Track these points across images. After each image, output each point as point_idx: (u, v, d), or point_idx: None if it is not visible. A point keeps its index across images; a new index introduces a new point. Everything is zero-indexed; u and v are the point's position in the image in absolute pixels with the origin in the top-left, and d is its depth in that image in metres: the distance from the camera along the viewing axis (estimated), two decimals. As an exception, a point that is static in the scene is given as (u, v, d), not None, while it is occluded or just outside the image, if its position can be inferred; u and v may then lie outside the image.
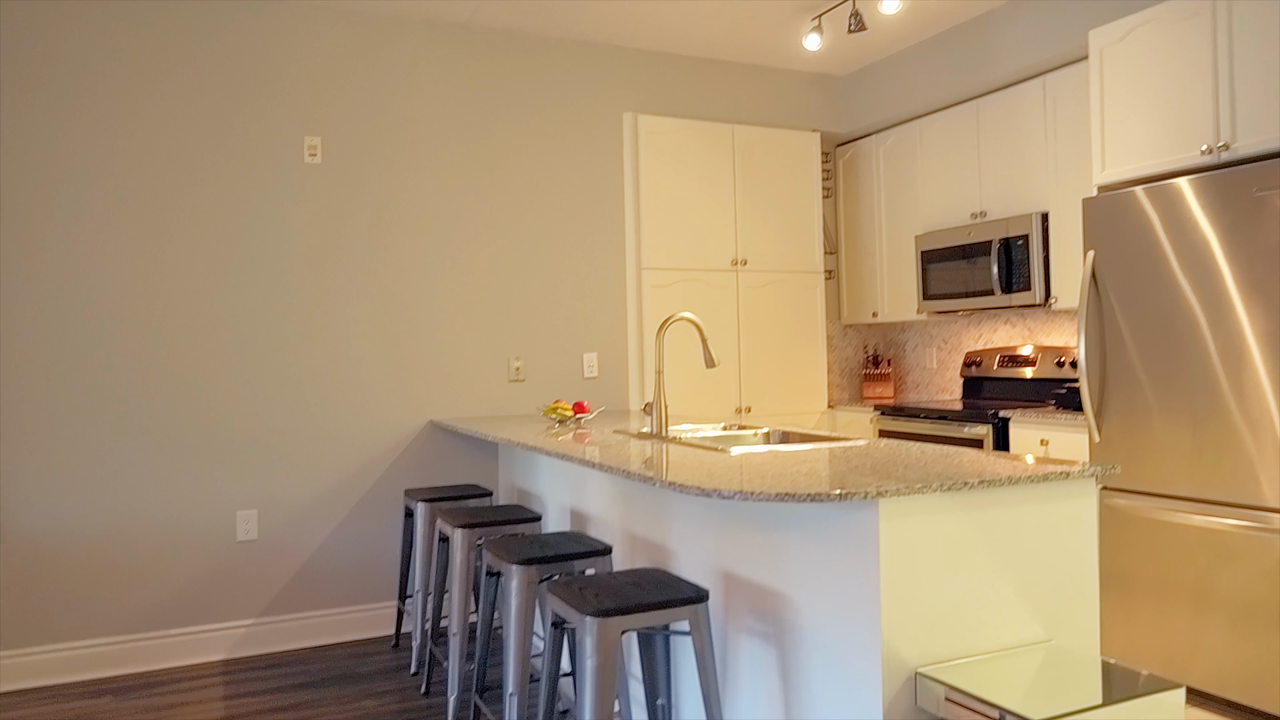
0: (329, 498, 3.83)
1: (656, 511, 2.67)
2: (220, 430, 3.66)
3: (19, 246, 3.38)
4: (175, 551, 3.58)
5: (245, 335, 3.71)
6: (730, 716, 2.30)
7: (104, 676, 3.45)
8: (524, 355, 4.22)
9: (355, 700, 3.16)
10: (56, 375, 3.43)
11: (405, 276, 3.99)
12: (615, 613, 1.93)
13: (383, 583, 3.92)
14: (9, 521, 3.35)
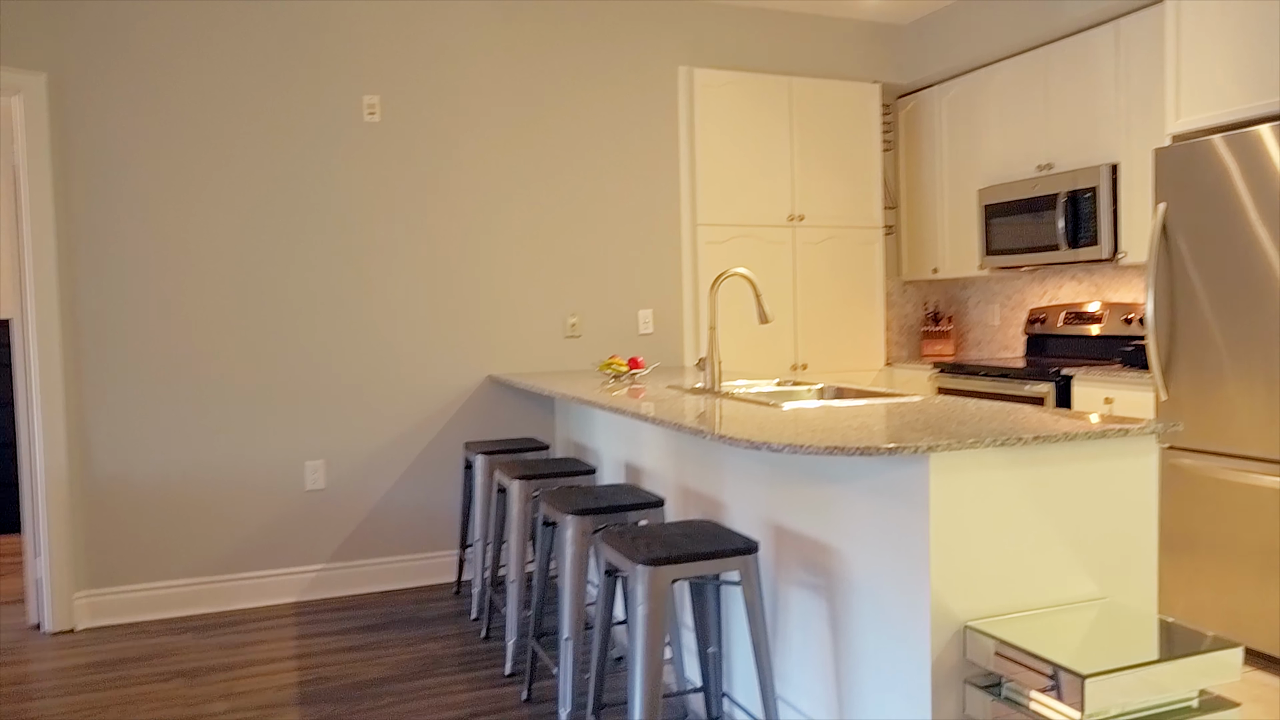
0: (392, 449, 3.95)
1: (709, 465, 2.70)
2: (290, 384, 3.79)
3: (101, 210, 3.52)
4: (249, 499, 3.74)
5: (314, 292, 3.82)
6: (780, 666, 2.34)
7: (185, 615, 3.64)
8: (580, 311, 4.26)
9: (419, 643, 3.29)
10: (140, 333, 3.58)
11: (464, 235, 4.05)
12: (666, 562, 1.97)
13: (444, 532, 4.05)
14: (99, 469, 3.54)
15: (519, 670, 3.00)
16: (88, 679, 3.01)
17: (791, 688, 2.30)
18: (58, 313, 3.46)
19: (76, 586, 3.51)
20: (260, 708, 2.76)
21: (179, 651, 3.25)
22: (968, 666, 1.83)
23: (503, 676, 2.97)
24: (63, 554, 3.46)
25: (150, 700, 2.83)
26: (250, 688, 2.91)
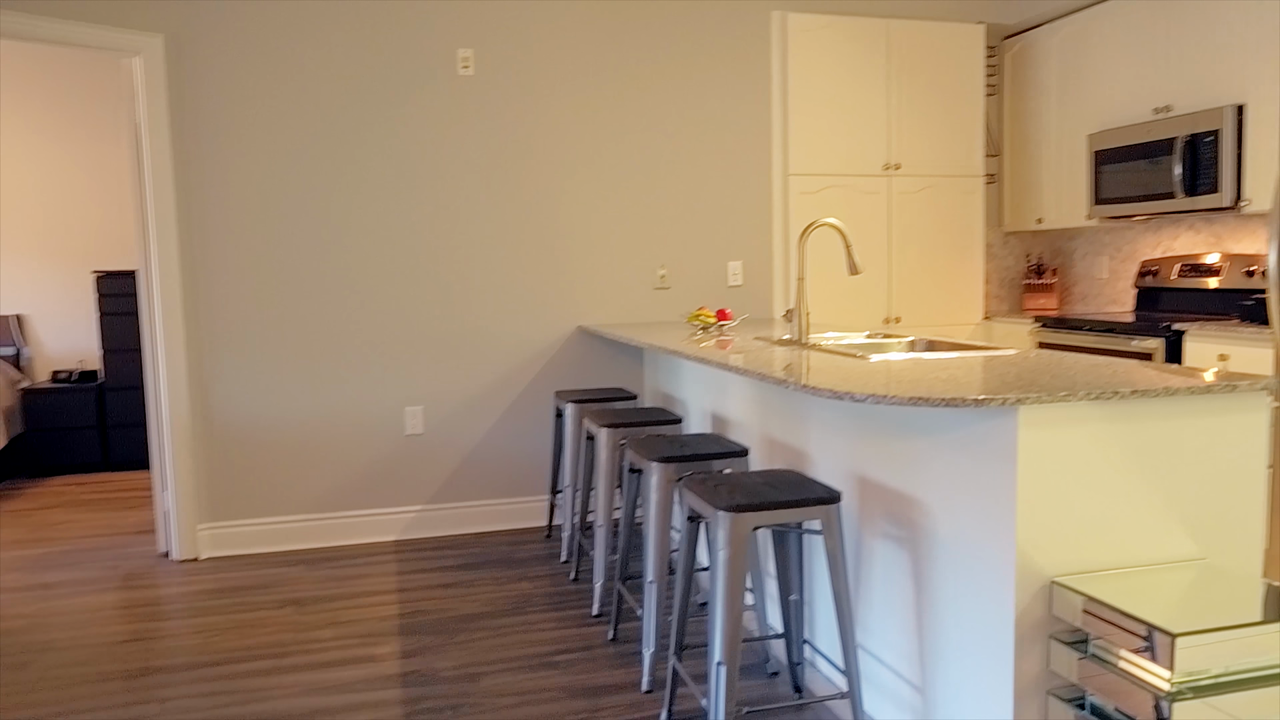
0: (486, 397, 4.08)
1: (793, 416, 2.70)
2: (390, 333, 3.95)
3: (215, 166, 3.70)
4: (353, 442, 3.93)
5: (413, 245, 3.94)
6: (862, 616, 2.35)
7: (296, 549, 3.88)
8: (669, 263, 4.27)
9: (512, 582, 3.42)
10: (252, 285, 3.78)
11: (556, 187, 4.09)
12: (748, 509, 2.00)
13: (535, 478, 4.17)
14: (217, 411, 3.77)
15: (605, 611, 3.10)
16: (210, 603, 3.25)
17: (873, 637, 2.31)
18: (178, 265, 3.68)
19: (199, 519, 3.78)
20: (363, 636, 2.94)
21: (290, 582, 3.47)
22: (1053, 622, 1.81)
23: (590, 617, 3.07)
24: (186, 489, 3.73)
25: (265, 625, 3.04)
26: (354, 617, 3.10)
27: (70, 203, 5.69)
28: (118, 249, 5.79)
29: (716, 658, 2.00)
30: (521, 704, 2.47)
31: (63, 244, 5.70)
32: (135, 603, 3.28)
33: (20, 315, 5.67)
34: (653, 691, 2.52)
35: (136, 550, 3.90)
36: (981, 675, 1.89)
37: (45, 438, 5.39)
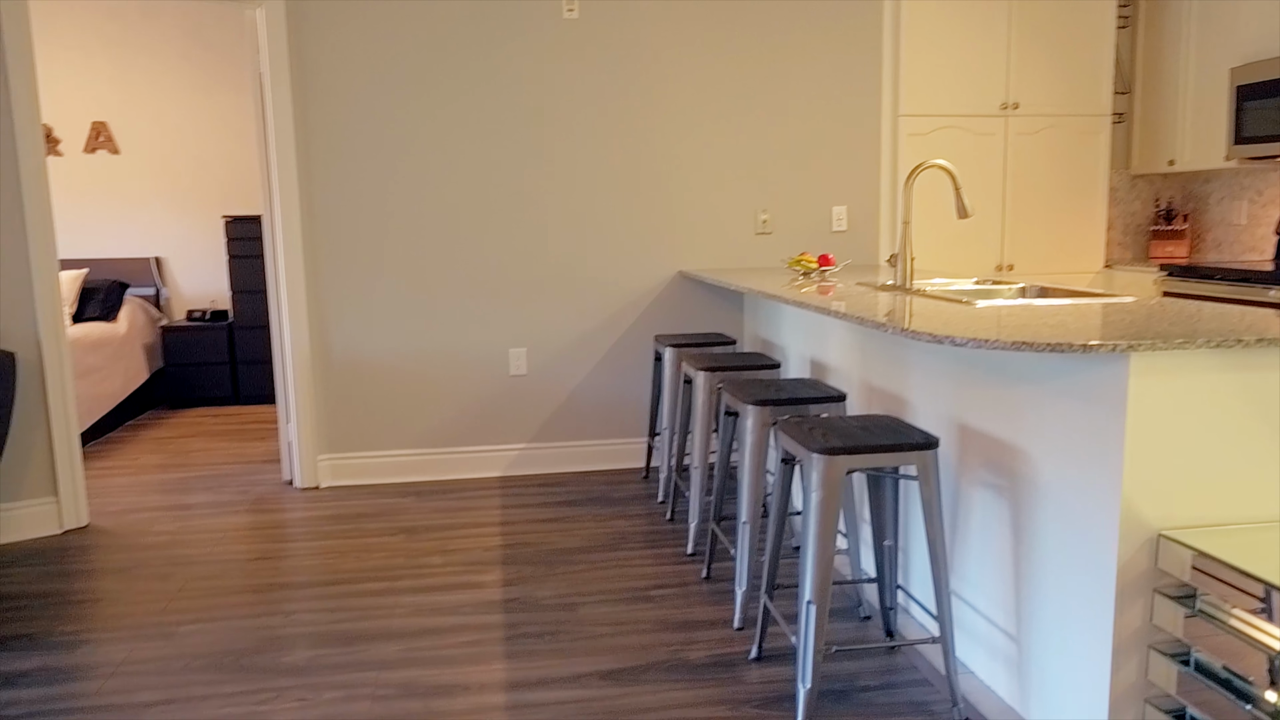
0: (588, 340, 4.16)
1: (893, 362, 2.66)
2: (496, 276, 4.05)
3: (332, 115, 3.84)
4: (461, 382, 4.09)
5: (518, 189, 4.01)
6: (958, 564, 2.33)
7: (408, 481, 4.08)
8: (771, 208, 4.22)
9: (609, 520, 3.52)
10: (367, 228, 3.93)
11: (657, 131, 4.08)
12: (842, 451, 1.99)
13: (634, 420, 4.24)
14: (335, 349, 3.98)
15: (699, 551, 3.16)
16: (329, 529, 3.47)
17: (968, 585, 2.28)
18: (298, 209, 3.86)
19: (320, 450, 4.02)
20: (469, 564, 3.09)
21: (402, 512, 3.66)
22: (1158, 576, 1.75)
23: (684, 555, 3.14)
24: (308, 422, 3.96)
25: (380, 550, 3.23)
26: (461, 546, 3.26)
27: (202, 151, 6.01)
28: (245, 195, 6.10)
29: (807, 597, 2.02)
30: (616, 633, 2.56)
31: (196, 190, 6.04)
32: (263, 525, 3.53)
33: (159, 258, 6.07)
34: (744, 629, 2.57)
35: (263, 478, 4.18)
36: (1080, 627, 1.86)
37: (182, 372, 5.80)
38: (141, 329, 5.63)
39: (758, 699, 2.20)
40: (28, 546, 3.32)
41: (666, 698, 2.21)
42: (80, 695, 2.27)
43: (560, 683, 2.29)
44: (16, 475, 3.37)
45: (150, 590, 2.91)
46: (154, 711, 2.19)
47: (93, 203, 5.94)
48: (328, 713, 2.17)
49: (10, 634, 2.61)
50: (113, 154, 5.91)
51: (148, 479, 4.20)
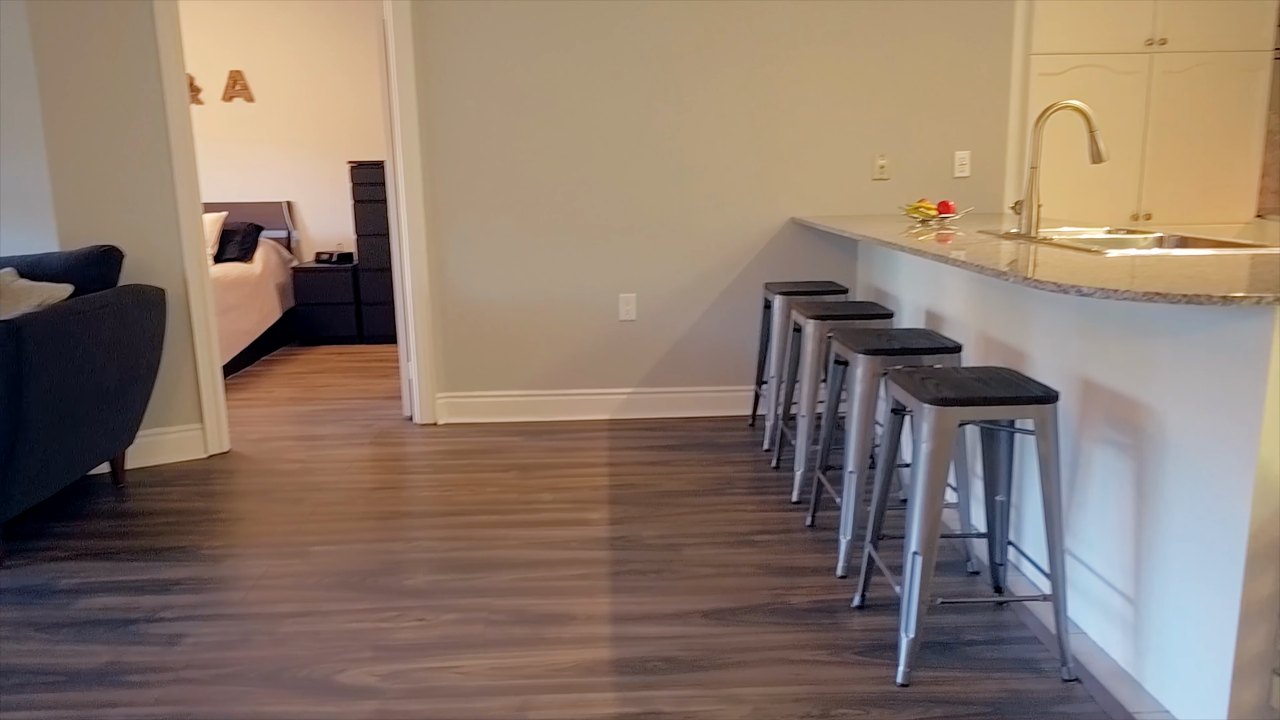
0: (697, 286, 4.16)
1: (1014, 313, 2.56)
2: (607, 222, 4.09)
3: (452, 64, 3.92)
4: (572, 325, 4.17)
5: (629, 136, 4.02)
6: (1073, 522, 2.26)
7: (519, 420, 4.22)
8: (889, 153, 4.09)
9: (715, 465, 3.55)
10: (484, 174, 4.02)
11: (772, 74, 3.99)
12: (954, 403, 1.95)
13: (742, 367, 4.24)
14: (452, 291, 4.11)
15: (804, 499, 3.16)
16: (446, 463, 3.64)
17: (1083, 545, 2.22)
18: (419, 155, 3.97)
19: (438, 388, 4.19)
20: (577, 502, 3.19)
21: (514, 450, 3.79)
22: (1295, 543, 1.66)
23: (789, 503, 3.15)
24: (427, 361, 4.13)
25: (493, 485, 3.37)
26: (570, 485, 3.36)
27: (330, 98, 6.24)
28: (369, 140, 6.31)
29: (913, 548, 2.01)
30: (719, 575, 2.60)
31: (323, 136, 6.29)
32: (385, 457, 3.72)
33: (290, 202, 6.37)
34: (847, 577, 2.57)
35: (385, 413, 4.40)
36: (1204, 592, 1.78)
37: (311, 311, 6.11)
38: (275, 270, 5.95)
39: (859, 646, 2.21)
40: (178, 468, 3.61)
41: (767, 639, 2.24)
42: (226, 603, 2.48)
43: (663, 618, 2.36)
44: (167, 403, 3.65)
45: (285, 512, 3.13)
46: (290, 621, 2.37)
47: (230, 149, 6.27)
48: (445, 633, 2.30)
49: (166, 546, 2.87)
50: (248, 102, 6.21)
51: (281, 410, 4.48)
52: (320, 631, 2.32)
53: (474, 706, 1.98)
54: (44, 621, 2.39)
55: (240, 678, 2.11)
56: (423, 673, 2.12)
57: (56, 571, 2.69)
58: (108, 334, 2.99)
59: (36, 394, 2.66)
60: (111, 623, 2.38)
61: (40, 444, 2.73)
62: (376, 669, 2.14)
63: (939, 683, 2.05)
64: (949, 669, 2.10)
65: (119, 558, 2.78)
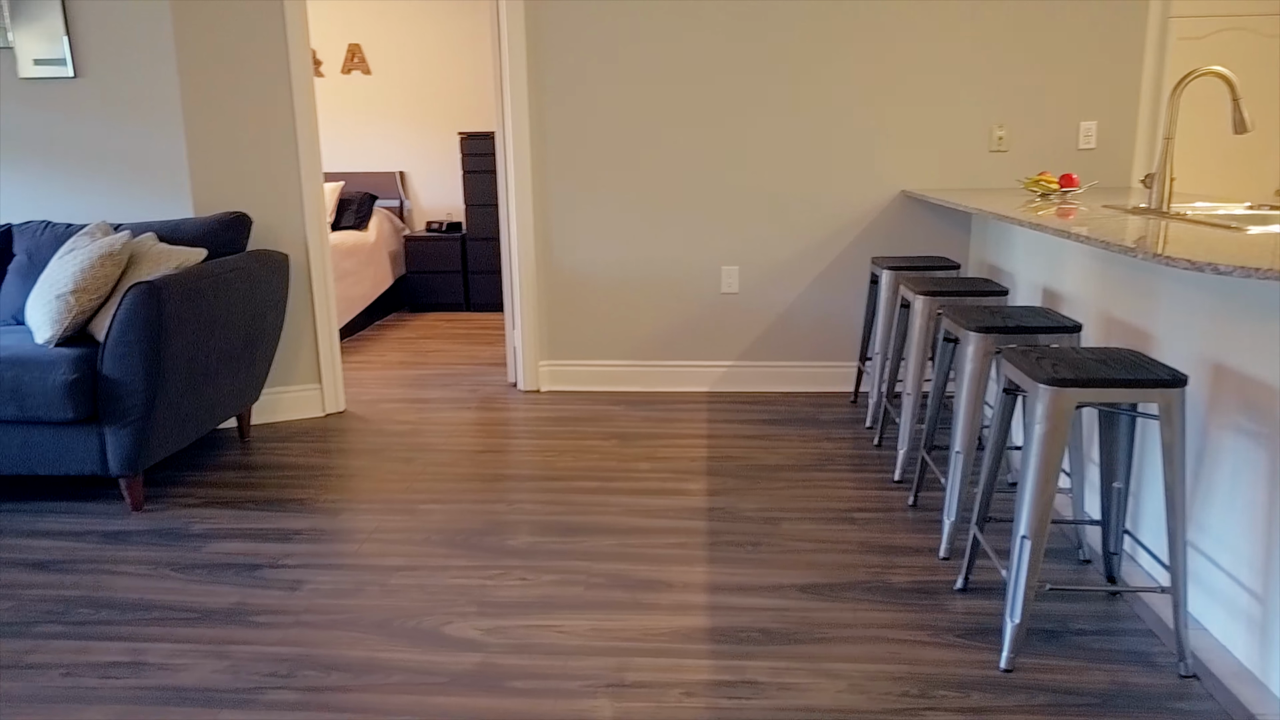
0: (801, 260, 4.10)
1: (1139, 292, 2.44)
2: (711, 194, 4.07)
3: (562, 37, 3.95)
4: (673, 297, 4.18)
5: (735, 106, 3.97)
6: (1196, 513, 2.15)
7: (619, 390, 4.27)
8: (1009, 123, 3.92)
9: (814, 441, 3.52)
10: (590, 146, 4.05)
11: (883, 43, 3.87)
12: (1072, 384, 1.88)
13: (845, 343, 4.17)
14: (557, 261, 4.18)
15: (907, 479, 3.10)
16: (549, 429, 3.71)
17: (1208, 537, 2.11)
18: (528, 127, 4.03)
19: (541, 356, 4.27)
20: (676, 472, 3.21)
21: (614, 418, 3.84)
22: None
23: (891, 481, 3.10)
24: (531, 329, 4.21)
25: (593, 452, 3.43)
26: (669, 455, 3.38)
27: (442, 70, 6.38)
28: (478, 112, 6.44)
29: (1022, 531, 1.95)
30: (817, 550, 2.59)
31: (435, 108, 6.45)
32: (489, 422, 3.83)
33: (402, 172, 6.57)
34: (950, 559, 2.52)
35: (490, 379, 4.52)
36: (1343, 592, 1.67)
37: (421, 279, 6.31)
38: (388, 238, 6.15)
39: (961, 629, 2.16)
40: (297, 425, 3.80)
41: (865, 616, 2.22)
42: (341, 554, 2.61)
43: (760, 590, 2.36)
44: (289, 363, 3.85)
45: (395, 471, 3.26)
46: (400, 575, 2.48)
47: (348, 120, 6.50)
48: (545, 593, 2.36)
49: (287, 498, 3.03)
50: (365, 74, 6.41)
51: (392, 374, 4.66)
52: (428, 585, 2.42)
53: (572, 665, 2.04)
54: (179, 562, 2.57)
55: (354, 624, 2.22)
56: (524, 629, 2.19)
57: (189, 517, 2.89)
58: (237, 296, 3.17)
59: (174, 351, 2.84)
60: (239, 566, 2.54)
61: (176, 398, 2.92)
62: (480, 623, 2.22)
63: (1044, 670, 1.99)
64: (1055, 657, 2.04)
65: (245, 507, 2.96)
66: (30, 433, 2.82)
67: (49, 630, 2.21)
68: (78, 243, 3.08)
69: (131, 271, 3.01)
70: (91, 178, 3.56)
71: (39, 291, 2.94)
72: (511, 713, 1.87)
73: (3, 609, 2.32)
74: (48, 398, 2.74)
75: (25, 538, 2.75)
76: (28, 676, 2.02)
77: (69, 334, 2.90)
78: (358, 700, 1.92)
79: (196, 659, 2.08)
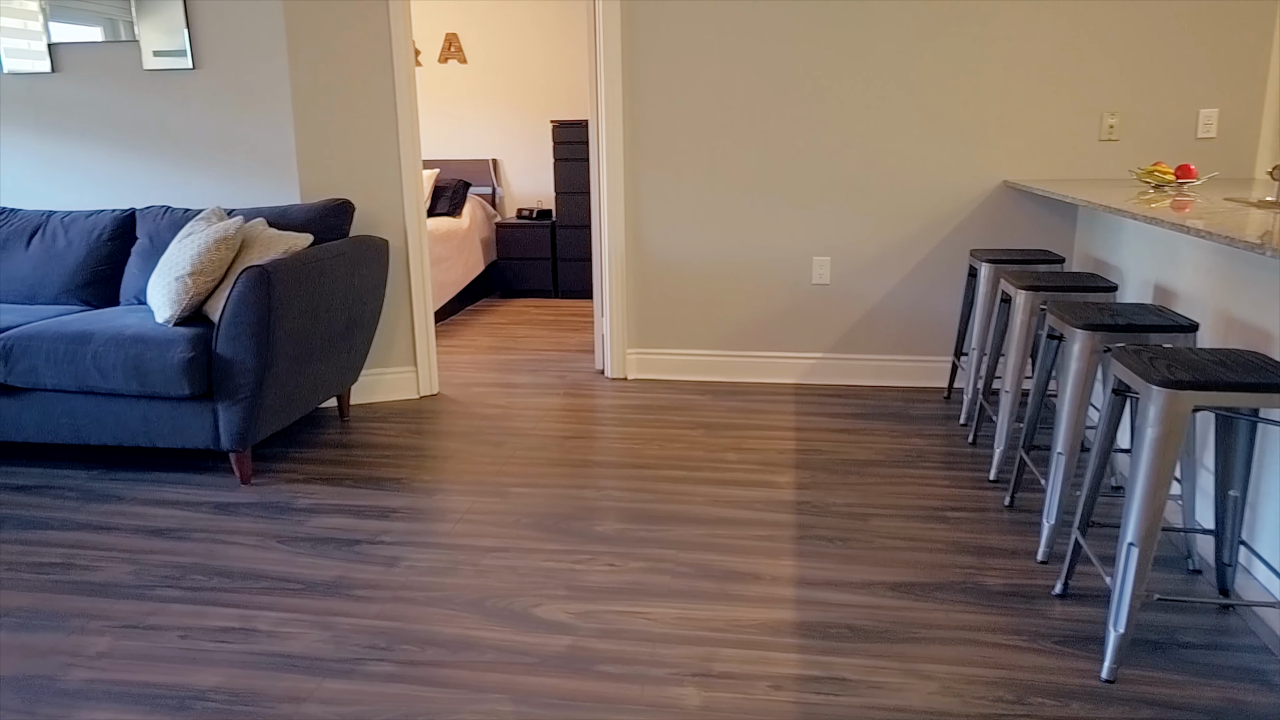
0: (895, 251, 4.02)
1: (1264, 291, 2.31)
2: (804, 184, 4.01)
3: (656, 28, 3.94)
4: (763, 287, 4.14)
5: (826, 97, 3.91)
6: (1323, 527, 2.03)
7: (705, 380, 4.26)
8: (1120, 110, 3.75)
9: (905, 436, 3.45)
10: (683, 136, 4.05)
11: (982, 24, 3.74)
12: (1189, 386, 1.79)
13: (939, 337, 4.07)
14: (646, 249, 4.19)
15: (1003, 478, 3.02)
16: (635, 417, 3.74)
17: (1334, 553, 1.99)
18: (621, 116, 4.04)
19: (629, 344, 4.30)
20: (763, 464, 3.20)
21: (700, 408, 3.84)
22: None
23: (986, 481, 3.02)
24: (620, 317, 4.24)
25: (680, 442, 3.44)
26: (756, 446, 3.37)
27: (535, 59, 6.46)
28: (571, 100, 6.49)
29: (1129, 538, 1.88)
30: (908, 549, 2.55)
31: (527, 96, 6.53)
32: (577, 408, 3.88)
33: (495, 159, 6.68)
34: (1048, 563, 2.44)
35: (578, 365, 4.57)
36: None
37: (511, 265, 6.41)
38: (480, 225, 6.27)
39: (1059, 635, 2.10)
40: (394, 406, 3.92)
41: (958, 618, 2.18)
42: (437, 533, 2.69)
43: (849, 587, 2.34)
44: (387, 346, 3.97)
45: (487, 454, 3.34)
46: (492, 555, 2.54)
47: (444, 108, 6.64)
48: (633, 579, 2.39)
49: (386, 476, 3.14)
50: (461, 64, 6.53)
51: (482, 358, 4.76)
52: (518, 567, 2.47)
53: (660, 652, 2.06)
54: (285, 535, 2.69)
55: (449, 602, 2.29)
56: (613, 615, 2.22)
57: (293, 492, 3.02)
58: (341, 281, 3.28)
59: (282, 332, 2.96)
60: (340, 541, 2.64)
61: (283, 377, 3.05)
62: (570, 607, 2.26)
63: (1149, 683, 1.92)
64: (1161, 670, 1.96)
65: (345, 484, 3.07)
66: (150, 407, 2.98)
67: (167, 594, 2.35)
68: (194, 227, 3.24)
69: (244, 255, 3.15)
70: (207, 165, 3.74)
71: (159, 273, 3.10)
72: (600, 696, 1.90)
73: (126, 572, 2.48)
74: (166, 375, 2.89)
75: (146, 505, 2.92)
76: (149, 637, 2.15)
77: (186, 314, 3.06)
78: (453, 676, 1.98)
79: (302, 628, 2.18)
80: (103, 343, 2.94)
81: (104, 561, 2.54)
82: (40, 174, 3.88)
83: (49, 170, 3.87)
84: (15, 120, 3.84)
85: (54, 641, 2.13)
